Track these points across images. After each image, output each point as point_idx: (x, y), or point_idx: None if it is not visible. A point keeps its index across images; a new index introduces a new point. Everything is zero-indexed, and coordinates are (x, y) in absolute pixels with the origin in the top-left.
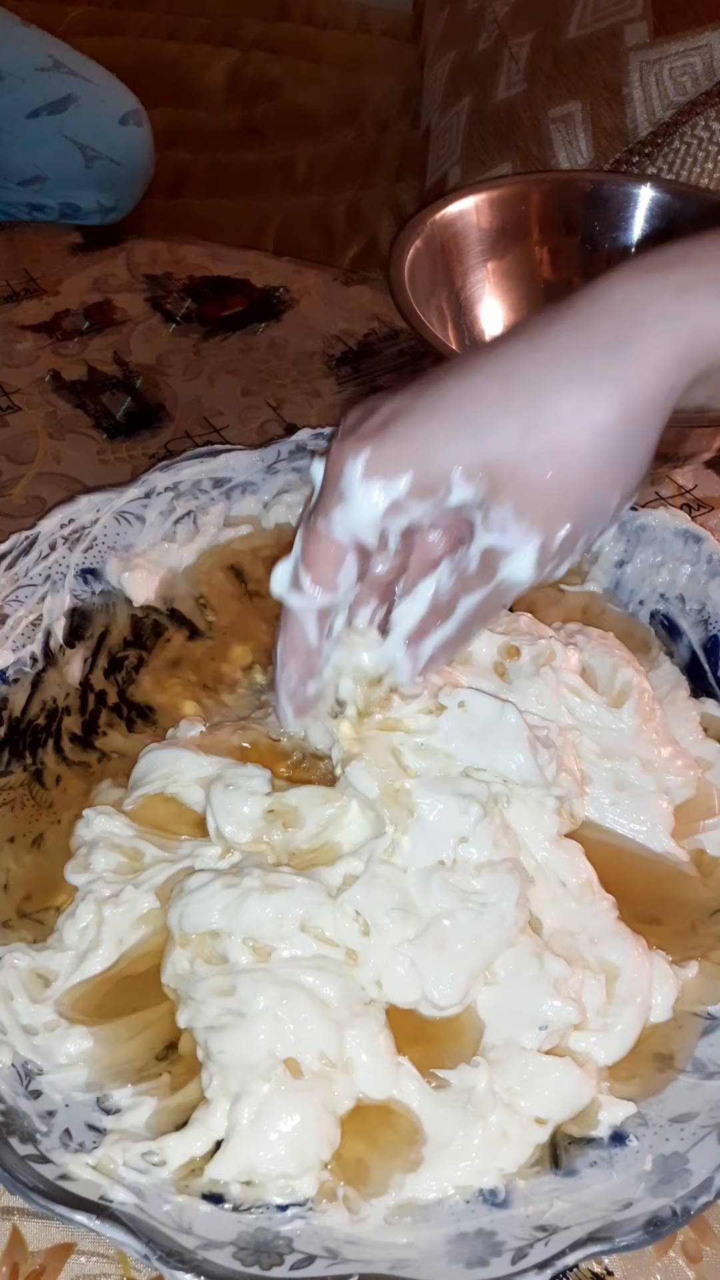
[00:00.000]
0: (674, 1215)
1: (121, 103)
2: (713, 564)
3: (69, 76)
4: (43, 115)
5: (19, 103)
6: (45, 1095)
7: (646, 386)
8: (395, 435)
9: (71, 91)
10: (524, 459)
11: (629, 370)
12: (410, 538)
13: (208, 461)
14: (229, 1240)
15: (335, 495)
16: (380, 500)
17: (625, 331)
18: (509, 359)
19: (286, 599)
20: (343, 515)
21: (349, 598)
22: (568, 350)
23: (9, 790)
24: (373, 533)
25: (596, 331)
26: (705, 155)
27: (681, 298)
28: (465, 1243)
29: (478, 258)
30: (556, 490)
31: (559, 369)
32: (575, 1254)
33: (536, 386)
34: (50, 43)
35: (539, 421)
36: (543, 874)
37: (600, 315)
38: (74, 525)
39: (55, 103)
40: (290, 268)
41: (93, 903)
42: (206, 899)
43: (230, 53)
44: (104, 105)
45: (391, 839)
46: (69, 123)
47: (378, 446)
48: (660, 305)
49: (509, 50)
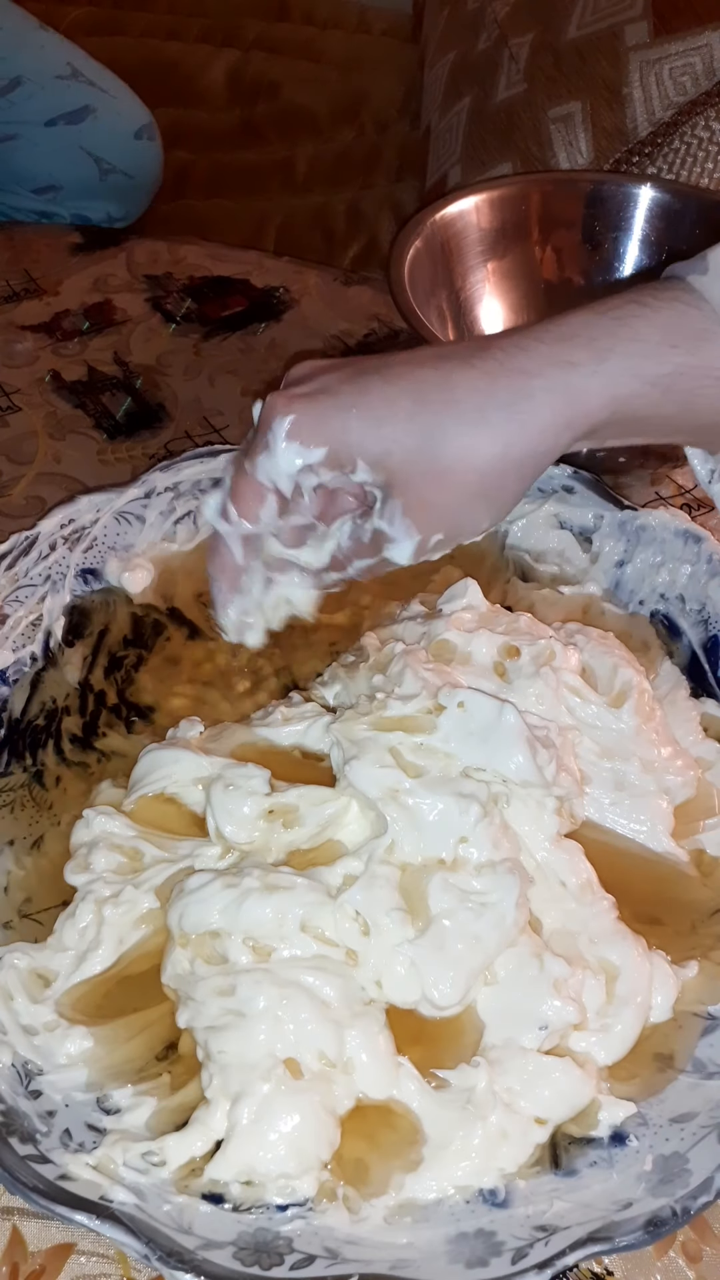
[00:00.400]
0: (674, 1215)
1: (136, 116)
2: (713, 564)
3: (87, 87)
4: (60, 125)
5: (38, 109)
6: (45, 1095)
7: (526, 443)
8: (319, 410)
9: (89, 102)
10: (416, 473)
11: (514, 427)
12: (327, 492)
13: (208, 462)
14: (229, 1240)
15: (261, 443)
16: (297, 461)
17: (516, 396)
18: (426, 383)
19: (216, 525)
20: (266, 462)
21: (270, 528)
22: (472, 394)
23: (9, 792)
24: (288, 484)
25: (497, 387)
26: (705, 155)
27: (566, 374)
28: (465, 1243)
29: (478, 258)
30: (437, 506)
31: (461, 408)
32: (575, 1254)
33: (441, 417)
34: (68, 49)
35: (434, 447)
36: (543, 874)
37: (502, 374)
38: (74, 525)
39: (73, 113)
40: (290, 268)
41: (93, 903)
42: (206, 899)
43: (230, 53)
44: (120, 119)
45: (392, 839)
46: (86, 134)
47: (302, 414)
48: (549, 377)
49: (509, 50)
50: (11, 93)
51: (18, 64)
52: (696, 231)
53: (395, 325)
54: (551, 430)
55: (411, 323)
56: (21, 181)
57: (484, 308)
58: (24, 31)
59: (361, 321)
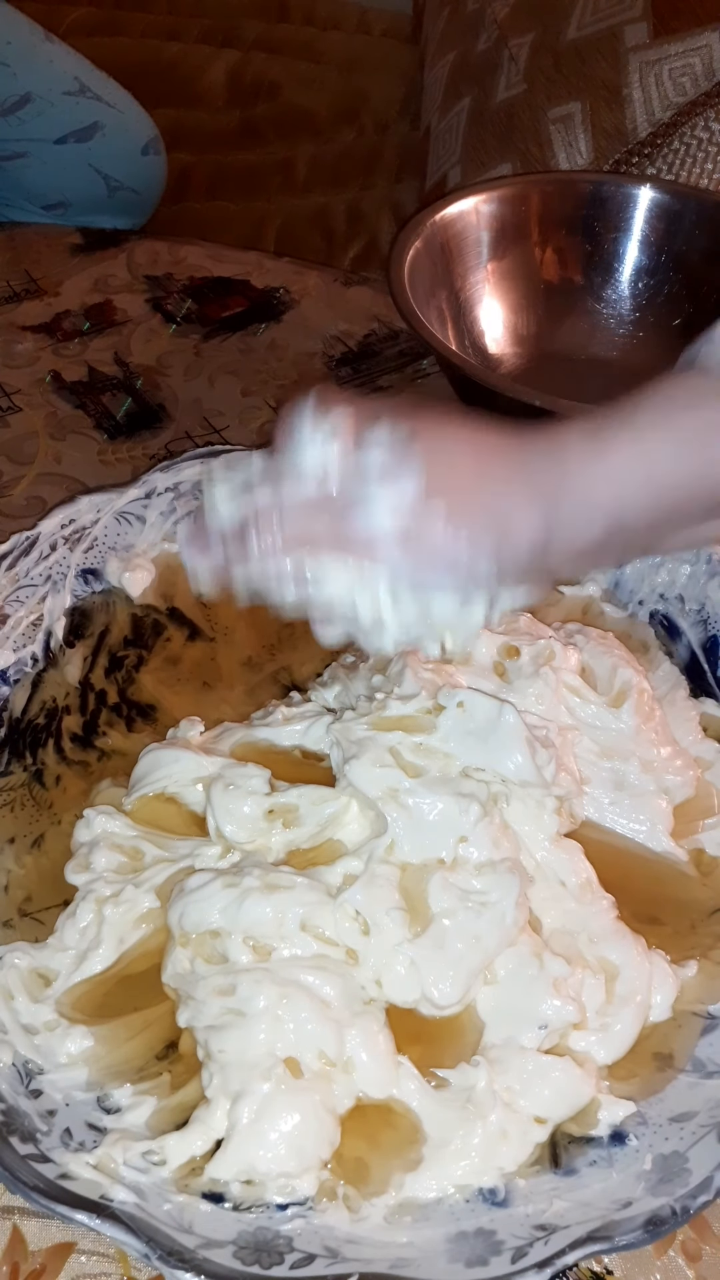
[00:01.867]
0: (673, 1214)
1: (143, 131)
2: (712, 564)
3: (94, 102)
4: (70, 142)
5: (47, 127)
6: (46, 1094)
7: (563, 530)
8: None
9: (98, 119)
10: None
11: (554, 515)
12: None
13: (208, 462)
14: (229, 1239)
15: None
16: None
17: (557, 489)
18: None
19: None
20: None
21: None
22: (524, 482)
23: (9, 791)
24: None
25: (548, 480)
26: (705, 156)
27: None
28: (465, 1242)
29: (477, 258)
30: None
31: (514, 488)
32: (575, 1253)
33: (501, 497)
34: (75, 61)
35: (502, 519)
36: (542, 873)
37: (547, 465)
38: (74, 526)
39: (82, 130)
40: (290, 268)
41: (93, 902)
42: (207, 898)
43: (230, 53)
44: (128, 135)
45: (391, 838)
46: (95, 152)
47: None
48: (586, 475)
49: (509, 51)
50: (21, 110)
51: (27, 81)
52: (696, 232)
53: (395, 326)
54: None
55: (412, 323)
56: (31, 198)
57: (484, 308)
58: (32, 45)
59: (361, 322)
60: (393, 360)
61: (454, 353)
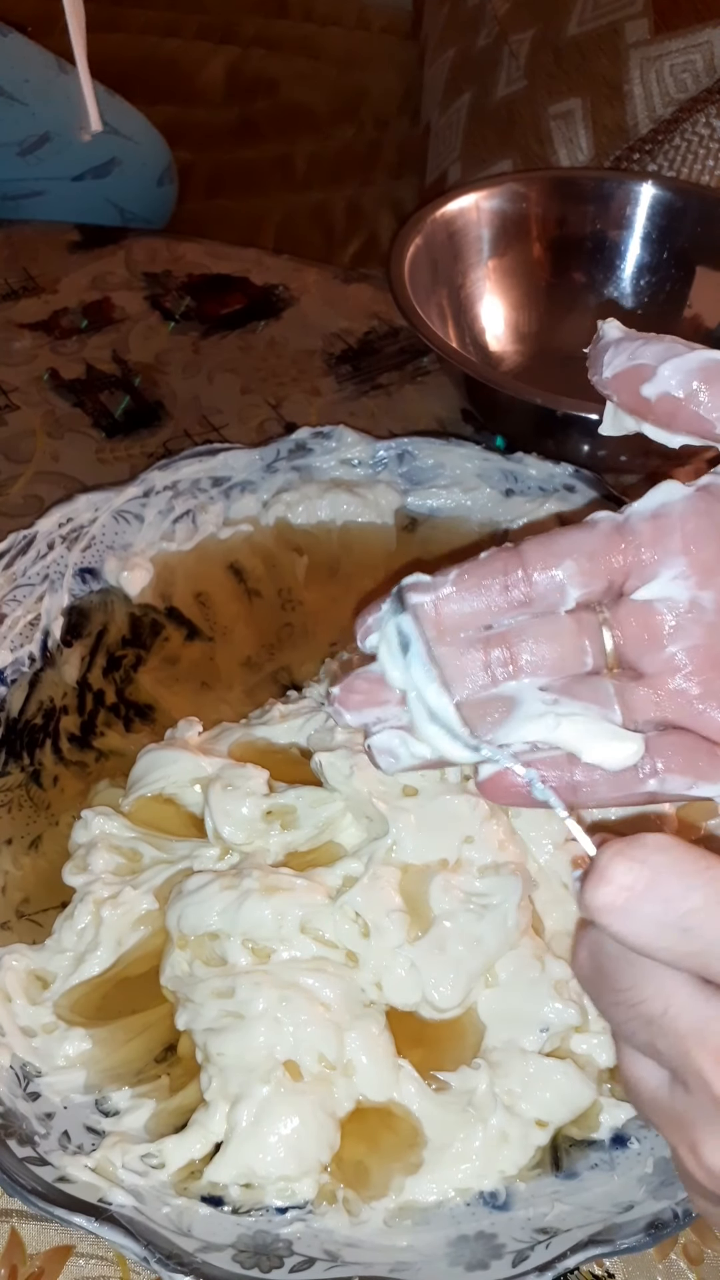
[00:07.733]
0: (675, 1218)
1: (159, 161)
2: None
3: (112, 137)
4: (88, 179)
5: (65, 165)
6: (44, 1097)
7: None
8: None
9: (115, 154)
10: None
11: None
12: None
13: (206, 460)
14: (228, 1243)
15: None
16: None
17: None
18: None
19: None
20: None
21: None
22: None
23: (6, 792)
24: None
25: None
26: (706, 152)
27: None
28: (465, 1245)
29: (478, 255)
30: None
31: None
32: (576, 1256)
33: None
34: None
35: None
36: (545, 876)
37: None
38: (72, 524)
39: (100, 166)
40: (290, 265)
41: (91, 904)
42: (205, 900)
43: (229, 50)
44: (144, 168)
45: (393, 839)
46: (111, 186)
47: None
48: None
49: (509, 47)
50: (39, 149)
51: (45, 119)
52: (697, 229)
53: (395, 323)
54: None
55: (412, 320)
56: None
57: (484, 305)
58: (49, 80)
59: (361, 319)
60: (393, 358)
61: (454, 350)
